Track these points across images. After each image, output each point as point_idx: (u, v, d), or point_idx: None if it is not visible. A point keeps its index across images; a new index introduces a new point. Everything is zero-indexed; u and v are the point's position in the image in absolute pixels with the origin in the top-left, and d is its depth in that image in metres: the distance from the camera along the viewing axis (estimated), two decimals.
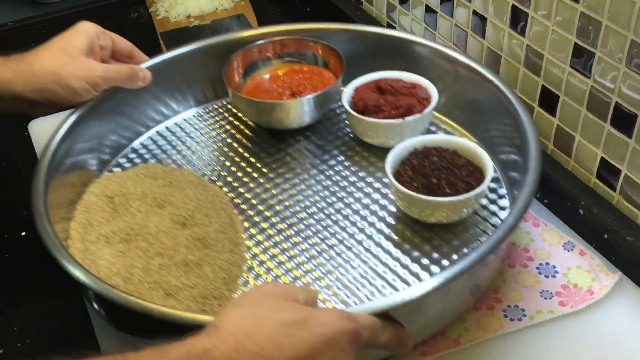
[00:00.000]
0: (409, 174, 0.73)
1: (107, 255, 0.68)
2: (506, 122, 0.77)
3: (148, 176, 0.79)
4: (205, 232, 0.71)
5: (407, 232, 0.73)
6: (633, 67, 0.66)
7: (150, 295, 0.65)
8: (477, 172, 0.73)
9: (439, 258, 0.70)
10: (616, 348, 0.65)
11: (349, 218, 0.76)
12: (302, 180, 0.81)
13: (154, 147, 0.87)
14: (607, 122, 0.72)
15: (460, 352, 0.65)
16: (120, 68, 0.79)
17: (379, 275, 0.69)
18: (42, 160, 0.73)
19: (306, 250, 0.72)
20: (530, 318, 0.67)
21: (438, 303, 0.62)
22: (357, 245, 0.72)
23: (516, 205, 0.65)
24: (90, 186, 0.78)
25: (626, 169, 0.72)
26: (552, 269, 0.72)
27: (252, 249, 0.73)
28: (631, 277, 0.71)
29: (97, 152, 0.83)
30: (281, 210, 0.77)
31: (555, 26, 0.74)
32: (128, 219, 0.71)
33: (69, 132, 0.77)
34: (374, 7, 1.09)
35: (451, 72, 0.85)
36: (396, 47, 0.90)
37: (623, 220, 0.73)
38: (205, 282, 0.67)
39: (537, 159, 0.69)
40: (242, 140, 0.88)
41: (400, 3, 1.02)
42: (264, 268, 0.71)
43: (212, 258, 0.69)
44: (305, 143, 0.87)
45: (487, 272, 0.67)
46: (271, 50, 0.92)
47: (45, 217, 0.67)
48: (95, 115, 0.81)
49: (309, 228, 0.75)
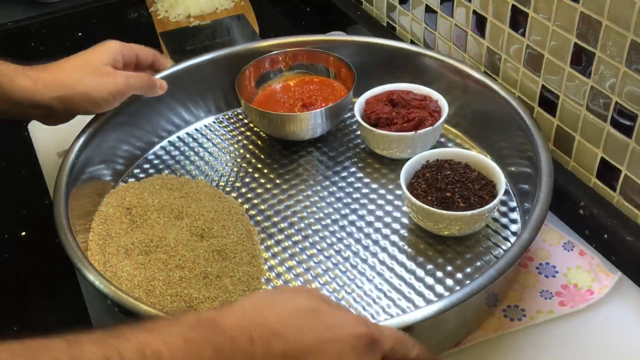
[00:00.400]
0: (422, 187, 0.74)
1: (128, 267, 0.69)
2: (516, 135, 0.78)
3: (164, 187, 0.80)
4: (224, 244, 0.72)
5: (420, 245, 0.74)
6: (633, 67, 0.66)
7: (172, 308, 0.66)
8: (489, 185, 0.74)
9: (453, 271, 0.71)
10: (616, 348, 0.65)
11: (363, 230, 0.77)
12: (315, 192, 0.82)
13: (167, 157, 0.88)
14: (607, 122, 0.72)
15: (460, 352, 0.65)
16: (141, 75, 0.80)
17: (394, 288, 0.70)
18: (61, 172, 0.74)
19: (322, 262, 0.73)
20: (530, 318, 0.67)
21: (456, 317, 0.63)
22: (371, 258, 0.73)
23: (530, 221, 0.66)
24: (106, 197, 0.79)
25: (626, 169, 0.72)
26: (552, 269, 0.72)
27: (268, 261, 0.73)
28: (631, 277, 0.71)
29: (111, 163, 0.84)
30: (296, 222, 0.78)
31: (555, 26, 0.74)
32: (147, 231, 0.72)
33: (86, 144, 0.78)
34: (374, 7, 1.09)
35: (460, 84, 0.86)
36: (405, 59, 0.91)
37: (623, 220, 0.73)
38: (226, 294, 0.68)
39: (548, 173, 0.70)
40: (254, 150, 0.89)
41: (400, 3, 1.02)
42: (281, 280, 0.72)
43: (231, 270, 0.70)
44: (317, 154, 0.87)
45: (503, 284, 0.69)
46: (282, 62, 0.93)
47: (68, 230, 0.67)
48: (110, 126, 0.82)
49: (324, 240, 0.76)
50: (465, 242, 0.74)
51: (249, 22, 1.15)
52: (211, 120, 0.94)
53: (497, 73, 0.87)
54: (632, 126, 0.69)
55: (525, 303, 0.69)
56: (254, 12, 1.18)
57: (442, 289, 0.69)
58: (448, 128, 0.89)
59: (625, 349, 0.65)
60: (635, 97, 0.68)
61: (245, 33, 1.12)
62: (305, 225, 0.77)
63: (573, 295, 0.69)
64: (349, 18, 1.11)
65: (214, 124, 0.93)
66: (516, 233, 0.75)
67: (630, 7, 0.65)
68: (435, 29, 0.96)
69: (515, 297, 0.70)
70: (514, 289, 0.70)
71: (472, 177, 0.75)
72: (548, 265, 0.73)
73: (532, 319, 0.67)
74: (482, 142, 0.86)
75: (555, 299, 0.69)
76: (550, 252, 0.74)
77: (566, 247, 0.74)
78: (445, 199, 0.72)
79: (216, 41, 1.10)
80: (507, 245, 0.73)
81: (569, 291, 0.70)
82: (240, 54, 0.92)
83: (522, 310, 0.68)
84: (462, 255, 0.73)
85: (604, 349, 0.65)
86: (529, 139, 0.75)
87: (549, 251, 0.74)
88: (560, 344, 0.66)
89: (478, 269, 0.71)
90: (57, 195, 0.71)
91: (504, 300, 0.69)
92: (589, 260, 0.73)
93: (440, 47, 0.96)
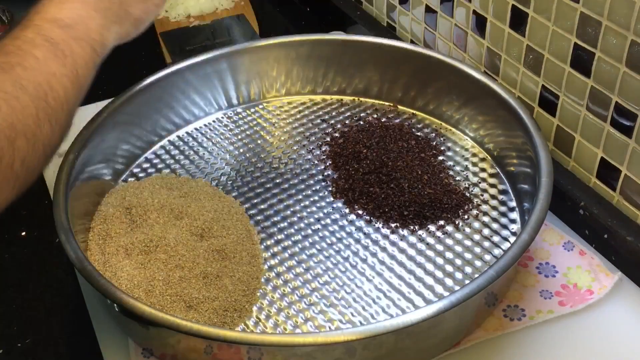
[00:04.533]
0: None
1: (128, 267, 0.69)
2: (516, 135, 0.78)
3: (164, 187, 0.80)
4: (224, 244, 0.72)
5: (420, 245, 0.74)
6: (633, 67, 0.66)
7: (172, 308, 0.66)
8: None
9: (453, 271, 0.71)
10: (616, 348, 0.65)
11: (363, 230, 0.77)
12: (315, 191, 0.82)
13: (167, 156, 0.88)
14: (607, 122, 0.72)
15: (460, 352, 0.65)
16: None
17: (394, 288, 0.70)
18: (61, 171, 0.73)
19: (321, 261, 0.73)
20: (530, 318, 0.67)
21: (455, 318, 0.63)
22: (371, 258, 0.73)
23: (530, 221, 0.65)
24: (106, 197, 0.79)
25: (626, 169, 0.72)
26: (552, 268, 0.72)
27: (268, 261, 0.74)
28: (631, 277, 0.71)
29: (111, 162, 0.84)
30: (295, 222, 0.78)
31: (555, 26, 0.74)
32: (146, 231, 0.72)
33: (85, 143, 0.78)
34: (374, 7, 1.09)
35: (460, 84, 0.86)
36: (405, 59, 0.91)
37: (623, 220, 0.73)
38: (226, 294, 0.68)
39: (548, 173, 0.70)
40: (254, 150, 0.89)
41: (400, 3, 1.02)
42: (281, 280, 0.72)
43: (231, 270, 0.70)
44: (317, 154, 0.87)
45: (502, 284, 0.69)
46: None
47: (68, 230, 0.67)
48: (110, 126, 0.81)
49: (324, 240, 0.76)
50: (465, 243, 0.74)
51: (249, 22, 1.15)
52: (211, 120, 0.94)
53: (497, 73, 0.87)
54: (632, 126, 0.69)
55: (525, 303, 0.69)
56: (254, 12, 1.18)
57: (442, 289, 0.69)
58: (448, 128, 0.89)
59: (625, 349, 0.65)
60: (635, 97, 0.68)
61: (245, 33, 1.12)
62: (305, 225, 0.77)
63: (573, 295, 0.69)
64: (349, 18, 1.11)
65: (214, 123, 0.93)
66: (516, 233, 0.75)
67: (630, 7, 0.65)
68: (435, 29, 0.96)
69: (515, 297, 0.70)
70: (514, 288, 0.70)
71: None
72: (548, 265, 0.73)
73: (532, 319, 0.67)
74: (482, 142, 0.86)
75: (555, 298, 0.69)
76: (550, 252, 0.74)
77: (566, 247, 0.74)
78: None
79: (216, 41, 1.10)
80: (507, 246, 0.73)
81: (569, 291, 0.70)
82: (240, 53, 0.92)
83: (522, 310, 0.68)
84: (462, 256, 0.73)
85: (604, 349, 0.65)
86: (529, 139, 0.75)
87: (549, 251, 0.74)
88: (560, 344, 0.66)
89: (478, 269, 0.71)
90: (56, 195, 0.71)
91: (504, 300, 0.69)
92: (589, 260, 0.73)
93: (440, 47, 0.96)
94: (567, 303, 0.69)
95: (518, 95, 0.84)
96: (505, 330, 0.67)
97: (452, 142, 0.87)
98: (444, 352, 0.65)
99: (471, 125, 0.87)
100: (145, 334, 0.64)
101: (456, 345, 0.65)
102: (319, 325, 0.67)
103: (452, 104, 0.87)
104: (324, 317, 0.68)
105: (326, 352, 0.59)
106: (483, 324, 0.67)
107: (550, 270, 0.72)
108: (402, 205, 0.77)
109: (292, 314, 0.68)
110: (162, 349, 0.65)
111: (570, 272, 0.72)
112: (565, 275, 0.71)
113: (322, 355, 0.59)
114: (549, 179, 0.69)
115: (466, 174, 0.82)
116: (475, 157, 0.85)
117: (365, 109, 0.93)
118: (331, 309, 0.68)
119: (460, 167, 0.83)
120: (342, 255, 0.74)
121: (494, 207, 0.78)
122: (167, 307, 0.66)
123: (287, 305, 0.69)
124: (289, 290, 0.70)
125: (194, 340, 0.60)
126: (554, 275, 0.72)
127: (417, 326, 0.58)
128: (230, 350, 0.60)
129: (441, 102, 0.89)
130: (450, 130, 0.89)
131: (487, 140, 0.85)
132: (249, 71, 0.93)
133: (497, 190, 0.80)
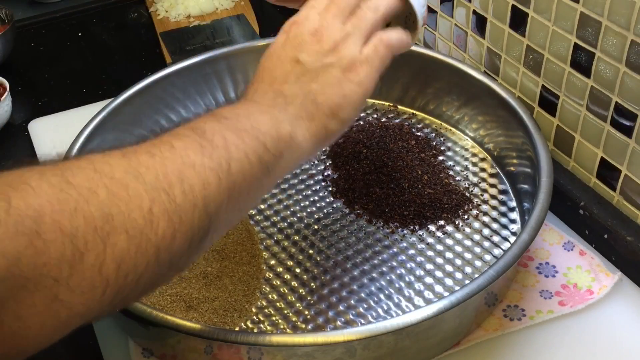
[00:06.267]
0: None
1: None
2: (516, 135, 0.78)
3: None
4: (224, 244, 0.72)
5: (420, 245, 0.74)
6: (633, 67, 0.66)
7: (172, 308, 0.66)
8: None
9: (453, 271, 0.72)
10: (616, 348, 0.65)
11: (363, 229, 0.76)
12: (315, 191, 0.82)
13: None
14: (607, 122, 0.72)
15: (460, 352, 0.65)
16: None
17: (394, 288, 0.70)
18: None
19: (321, 262, 0.73)
20: (530, 318, 0.67)
21: (455, 318, 0.63)
22: (371, 257, 0.73)
23: (530, 221, 0.65)
24: None
25: (626, 169, 0.72)
26: (552, 268, 0.72)
27: (268, 261, 0.74)
28: (631, 277, 0.71)
29: None
30: (295, 222, 0.78)
31: (555, 26, 0.74)
32: None
33: (85, 143, 0.78)
34: None
35: (460, 84, 0.86)
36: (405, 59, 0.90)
37: (623, 220, 0.73)
38: (225, 294, 0.68)
39: (548, 173, 0.70)
40: None
41: None
42: (280, 280, 0.72)
43: (230, 270, 0.70)
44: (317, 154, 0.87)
45: (502, 284, 0.69)
46: None
47: None
48: (110, 126, 0.82)
49: (324, 240, 0.76)
50: (464, 243, 0.74)
51: (249, 22, 1.15)
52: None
53: (497, 73, 0.87)
54: (632, 126, 0.69)
55: (525, 303, 0.69)
56: (254, 12, 1.18)
57: (442, 289, 0.69)
58: (448, 128, 0.89)
59: (625, 349, 0.65)
60: (635, 97, 0.68)
61: (245, 33, 1.12)
62: (304, 225, 0.77)
63: (573, 295, 0.69)
64: None
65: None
66: (516, 233, 0.75)
67: (630, 7, 0.65)
68: (435, 29, 0.96)
69: (515, 297, 0.70)
70: (514, 288, 0.70)
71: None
72: (548, 265, 0.73)
73: (532, 319, 0.67)
74: (482, 141, 0.86)
75: (555, 298, 0.69)
76: (550, 252, 0.74)
77: (566, 247, 0.74)
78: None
79: (216, 41, 1.10)
80: (507, 246, 0.73)
81: (569, 291, 0.70)
82: (240, 53, 0.92)
83: (521, 310, 0.68)
84: (462, 256, 0.73)
85: (604, 349, 0.65)
86: (528, 139, 0.75)
87: (549, 251, 0.74)
88: (560, 344, 0.66)
89: (478, 269, 0.71)
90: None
91: (504, 300, 0.69)
92: (589, 260, 0.73)
93: (440, 47, 0.96)
94: (567, 303, 0.69)
95: (518, 95, 0.84)
96: (505, 330, 0.67)
97: (452, 142, 0.87)
98: (444, 352, 0.65)
99: (471, 125, 0.87)
100: (145, 334, 0.65)
101: (456, 345, 0.65)
102: (319, 326, 0.67)
103: (452, 104, 0.87)
104: (324, 317, 0.68)
105: (326, 352, 0.59)
106: (483, 324, 0.67)
107: (550, 270, 0.72)
108: (402, 205, 0.77)
109: (292, 314, 0.68)
110: (162, 349, 0.65)
111: (570, 272, 0.72)
112: (565, 275, 0.71)
113: (322, 355, 0.59)
114: (549, 179, 0.69)
115: (466, 174, 0.82)
116: (475, 157, 0.85)
117: (365, 109, 0.93)
118: (331, 310, 0.68)
119: (460, 167, 0.83)
120: (342, 255, 0.74)
121: (494, 207, 0.78)
122: (167, 307, 0.66)
123: (287, 305, 0.69)
124: (288, 291, 0.70)
125: (194, 340, 0.60)
126: (554, 275, 0.72)
127: (417, 326, 0.58)
128: (230, 350, 0.60)
129: (441, 102, 0.89)
130: (450, 130, 0.89)
131: (487, 140, 0.85)
132: (249, 71, 0.93)
133: (497, 190, 0.80)
